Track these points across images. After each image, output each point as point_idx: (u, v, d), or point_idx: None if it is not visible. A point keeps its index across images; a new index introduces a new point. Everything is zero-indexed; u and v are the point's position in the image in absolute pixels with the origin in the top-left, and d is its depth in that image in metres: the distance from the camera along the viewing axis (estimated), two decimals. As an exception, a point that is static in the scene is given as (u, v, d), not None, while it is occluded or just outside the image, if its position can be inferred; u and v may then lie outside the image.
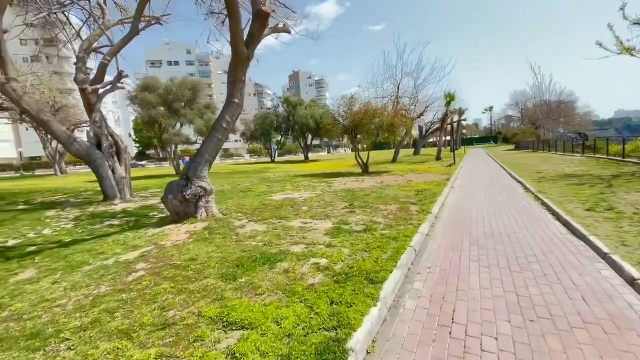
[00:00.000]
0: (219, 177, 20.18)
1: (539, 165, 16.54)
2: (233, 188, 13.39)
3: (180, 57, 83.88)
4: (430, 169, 17.96)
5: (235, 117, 7.21)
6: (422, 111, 29.33)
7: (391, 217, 6.43)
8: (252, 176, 19.72)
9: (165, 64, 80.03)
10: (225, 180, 17.57)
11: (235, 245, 5.04)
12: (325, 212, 7.22)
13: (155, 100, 21.50)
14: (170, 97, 22.17)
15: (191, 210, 6.86)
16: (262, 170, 25.59)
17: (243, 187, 13.60)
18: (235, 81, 7.05)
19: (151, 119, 22.04)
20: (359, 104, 17.68)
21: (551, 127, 36.36)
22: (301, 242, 5.05)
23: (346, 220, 6.26)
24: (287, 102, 42.37)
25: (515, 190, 9.84)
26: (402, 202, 8.00)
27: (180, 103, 22.44)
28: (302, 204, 8.39)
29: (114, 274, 4.07)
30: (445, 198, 8.89)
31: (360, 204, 8.02)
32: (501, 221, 6.18)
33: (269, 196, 10.35)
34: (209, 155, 7.05)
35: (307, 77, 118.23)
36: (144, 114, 22.12)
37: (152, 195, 12.30)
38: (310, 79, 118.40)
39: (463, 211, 7.22)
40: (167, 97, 22.18)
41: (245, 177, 19.20)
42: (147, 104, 21.56)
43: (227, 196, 10.84)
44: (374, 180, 13.67)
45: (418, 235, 5.17)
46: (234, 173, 23.41)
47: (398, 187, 11.21)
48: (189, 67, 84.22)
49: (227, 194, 11.50)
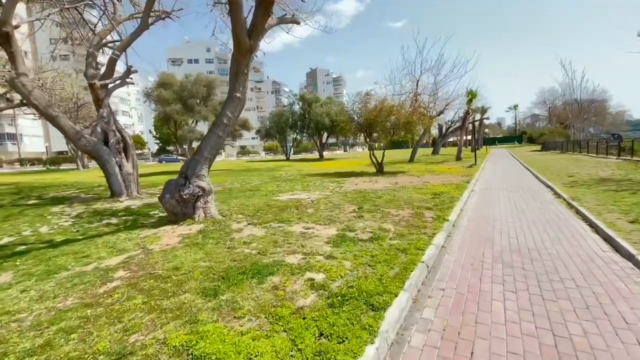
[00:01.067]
0: (232, 174, 20.00)
1: (569, 167, 15.29)
2: (242, 187, 13.06)
3: (200, 55, 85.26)
4: (450, 170, 17.02)
5: (237, 112, 6.78)
6: (442, 109, 28.11)
7: (403, 225, 5.80)
8: (264, 174, 19.40)
9: (185, 62, 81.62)
10: (237, 178, 17.32)
11: (227, 252, 4.59)
12: (331, 216, 6.67)
13: (170, 97, 21.57)
14: (185, 94, 22.20)
15: (189, 211, 6.49)
16: (275, 168, 25.30)
17: (252, 185, 13.24)
18: (237, 74, 6.61)
19: (166, 115, 22.15)
20: (375, 101, 16.98)
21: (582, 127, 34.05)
22: (299, 251, 4.53)
23: (352, 227, 5.69)
24: (303, 100, 42.00)
25: (544, 196, 8.92)
26: (417, 207, 7.34)
27: (195, 100, 22.44)
28: (309, 206, 7.88)
29: (87, 284, 3.70)
30: (465, 203, 8.13)
31: (370, 207, 7.42)
32: (530, 233, 5.43)
33: (276, 196, 9.91)
34: (208, 153, 6.65)
35: (325, 75, 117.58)
36: (160, 111, 22.23)
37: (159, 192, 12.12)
38: (327, 76, 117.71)
39: (485, 219, 6.48)
40: (182, 94, 22.21)
41: (257, 175, 18.91)
42: (163, 101, 21.66)
43: (234, 195, 10.49)
44: (388, 181, 12.98)
45: (432, 247, 4.54)
46: (247, 171, 23.22)
47: (413, 189, 10.50)
48: (209, 65, 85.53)
49: (234, 192, 11.16)
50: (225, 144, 56.53)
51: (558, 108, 54.05)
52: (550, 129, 39.24)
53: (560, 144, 30.41)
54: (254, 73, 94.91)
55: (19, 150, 50.08)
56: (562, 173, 13.13)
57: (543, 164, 18.00)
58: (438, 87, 27.12)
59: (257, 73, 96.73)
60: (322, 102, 40.19)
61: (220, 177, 17.81)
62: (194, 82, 22.61)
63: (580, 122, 32.83)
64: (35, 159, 46.85)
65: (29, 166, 44.95)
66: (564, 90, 37.17)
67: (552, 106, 56.64)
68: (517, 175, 14.09)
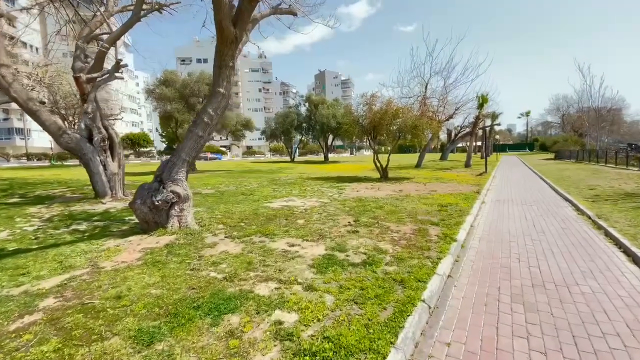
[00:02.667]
0: (231, 176, 19.35)
1: (588, 179, 14.22)
2: (236, 190, 12.35)
3: (209, 55, 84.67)
4: (458, 178, 16.07)
5: (220, 110, 6.05)
6: (451, 113, 27.14)
7: (403, 244, 4.98)
8: (264, 176, 18.70)
9: (194, 61, 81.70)
10: (235, 180, 16.65)
11: (188, 276, 3.83)
12: (322, 229, 5.88)
13: (172, 95, 21.07)
14: (187, 92, 21.70)
15: (162, 219, 5.77)
16: (277, 170, 24.61)
17: (247, 189, 12.53)
18: (221, 67, 5.89)
19: (167, 113, 21.66)
20: (380, 103, 16.15)
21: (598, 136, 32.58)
22: (274, 277, 3.75)
23: (344, 245, 4.89)
24: (309, 101, 41.33)
25: (565, 211, 7.99)
26: (421, 221, 6.50)
27: (197, 98, 21.88)
28: (300, 216, 7.10)
29: (1, 316, 2.98)
30: (475, 218, 7.26)
31: (368, 220, 6.61)
32: (554, 261, 4.55)
33: (269, 202, 9.16)
34: (186, 155, 5.92)
35: (334, 77, 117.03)
36: (161, 109, 21.77)
37: (149, 193, 11.48)
38: (336, 78, 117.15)
39: (499, 240, 5.61)
40: (184, 92, 21.71)
41: (257, 177, 18.22)
42: (164, 99, 21.18)
43: (224, 199, 9.77)
44: (391, 188, 12.13)
45: (436, 278, 3.72)
46: (247, 172, 22.58)
47: (418, 198, 9.65)
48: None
49: (225, 197, 10.44)
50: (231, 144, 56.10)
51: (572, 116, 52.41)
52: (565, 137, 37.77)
53: (575, 153, 29.06)
54: (262, 74, 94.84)
55: (26, 145, 50.44)
56: (582, 185, 12.10)
57: (559, 174, 16.92)
58: (448, 91, 26.21)
59: (266, 74, 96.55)
60: (329, 104, 39.46)
61: (217, 179, 17.16)
62: (197, 80, 22.09)
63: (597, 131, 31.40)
64: (42, 154, 47.06)
65: (36, 161, 45.14)
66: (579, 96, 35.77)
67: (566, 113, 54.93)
68: (531, 186, 13.09)
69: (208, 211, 7.78)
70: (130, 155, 54.08)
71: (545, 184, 13.52)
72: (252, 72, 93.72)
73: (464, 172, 21.04)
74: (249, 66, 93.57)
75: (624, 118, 55.24)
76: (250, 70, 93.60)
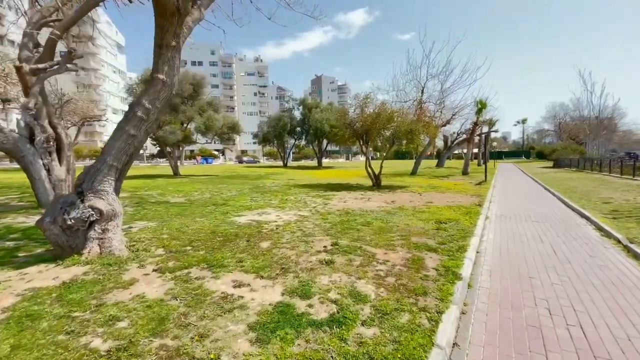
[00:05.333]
0: (212, 182, 17.97)
1: (597, 190, 13.05)
2: (210, 199, 11.00)
3: (204, 58, 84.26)
4: (456, 187, 14.84)
5: (159, 102, 4.74)
6: (448, 119, 26.05)
7: (390, 284, 3.67)
8: (249, 183, 17.36)
9: (189, 64, 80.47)
10: (214, 186, 15.27)
11: (56, 346, 2.48)
12: (288, 258, 4.55)
13: (152, 94, 19.65)
14: (169, 92, 20.26)
15: (78, 242, 4.41)
16: (265, 175, 23.27)
17: (222, 198, 11.18)
18: (161, 46, 4.60)
19: (147, 114, 20.19)
20: (374, 106, 14.95)
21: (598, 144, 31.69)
22: (186, 352, 2.41)
23: (309, 286, 3.57)
24: (303, 105, 40.20)
25: (584, 231, 6.74)
26: (415, 245, 5.20)
27: (180, 98, 20.54)
28: (267, 236, 5.77)
29: None
30: (481, 240, 5.98)
31: (350, 243, 5.30)
32: (597, 314, 3.25)
33: (239, 215, 7.83)
34: (114, 160, 4.58)
35: (330, 82, 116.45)
36: (141, 109, 20.33)
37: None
38: (333, 84, 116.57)
39: (517, 276, 4.31)
40: (166, 92, 20.28)
41: (240, 183, 16.86)
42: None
43: (188, 211, 8.42)
44: (383, 199, 10.85)
45: (436, 354, 2.41)
46: (233, 178, 21.22)
47: (413, 212, 8.38)
48: (212, 67, 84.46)
49: (191, 207, 9.09)
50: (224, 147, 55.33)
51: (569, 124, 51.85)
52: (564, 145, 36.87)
53: (575, 162, 28.08)
54: (258, 77, 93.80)
55: (10, 146, 48.44)
56: (593, 197, 10.91)
57: (563, 184, 15.77)
58: (445, 95, 25.11)
59: (262, 78, 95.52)
60: (323, 108, 38.38)
61: (196, 185, 15.78)
62: (180, 79, 20.74)
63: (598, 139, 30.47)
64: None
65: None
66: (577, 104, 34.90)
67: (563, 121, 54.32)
68: (537, 198, 11.89)
69: (157, 228, 6.41)
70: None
71: (552, 196, 12.32)
72: (248, 75, 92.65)
73: (461, 180, 19.87)
74: (244, 69, 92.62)
75: (620, 127, 54.82)
76: (246, 73, 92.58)
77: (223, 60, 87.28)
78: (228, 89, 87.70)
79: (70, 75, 59.92)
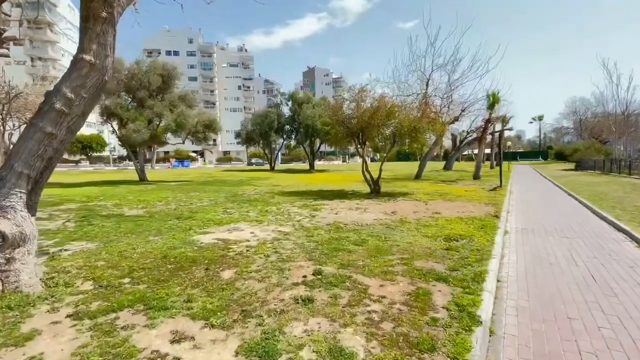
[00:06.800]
0: (183, 189, 17.24)
1: (631, 197, 12.66)
2: (174, 210, 10.31)
3: (181, 47, 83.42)
4: (467, 194, 14.37)
5: (87, 89, 4.08)
6: (457, 115, 25.72)
7: (385, 335, 3.05)
8: (225, 189, 16.70)
9: (164, 54, 79.50)
10: (185, 194, 14.56)
11: None
12: (253, 295, 3.91)
13: (113, 87, 18.98)
14: (133, 84, 19.65)
15: (-28, 277, 3.70)
16: (247, 181, 22.62)
17: (189, 209, 10.49)
18: (87, 19, 3.96)
19: (108, 110, 19.53)
20: (372, 99, 14.45)
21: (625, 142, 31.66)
22: None
23: (274, 343, 2.91)
24: (293, 99, 39.64)
25: (624, 248, 6.22)
26: (419, 272, 4.61)
27: (146, 92, 19.86)
28: (233, 262, 5.12)
29: None
30: (501, 263, 5.41)
31: (337, 271, 4.68)
32: (672, 378, 2.67)
33: (204, 232, 7.17)
34: (24, 166, 3.90)
35: (324, 75, 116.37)
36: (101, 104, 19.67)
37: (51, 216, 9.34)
38: (327, 76, 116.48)
39: (552, 319, 3.70)
40: (130, 84, 19.67)
41: (216, 190, 16.17)
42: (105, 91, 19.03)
43: (142, 227, 7.72)
44: (382, 209, 10.30)
45: None
46: (209, 184, 20.51)
47: (417, 225, 7.83)
48: (190, 57, 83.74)
49: (148, 222, 8.39)
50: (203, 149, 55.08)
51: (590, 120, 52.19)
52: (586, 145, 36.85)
53: (600, 163, 27.96)
54: (242, 69, 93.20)
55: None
56: (628, 206, 10.47)
57: (590, 190, 15.39)
58: (453, 89, 24.79)
59: (247, 69, 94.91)
60: (315, 103, 37.86)
61: (163, 193, 15.05)
62: (147, 69, 20.08)
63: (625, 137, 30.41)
64: None
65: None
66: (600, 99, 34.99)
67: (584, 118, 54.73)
68: (562, 206, 11.44)
69: (95, 251, 5.71)
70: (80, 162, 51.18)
71: (578, 203, 11.88)
72: (231, 67, 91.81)
73: (472, 185, 19.47)
74: (226, 60, 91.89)
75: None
76: (229, 64, 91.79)
77: (202, 49, 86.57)
78: (208, 81, 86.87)
79: (25, 67, 58.73)
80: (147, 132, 19.40)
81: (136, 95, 20.09)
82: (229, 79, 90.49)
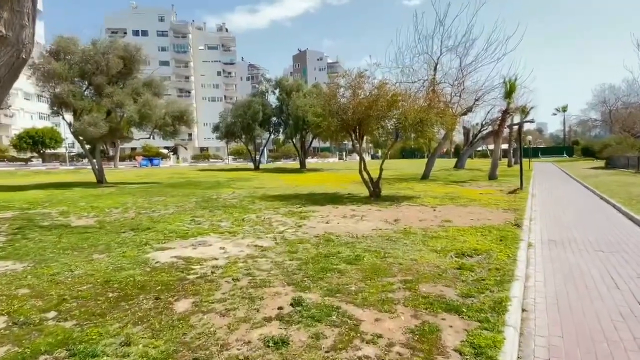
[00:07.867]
0: (150, 192, 16.76)
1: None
2: (132, 219, 9.86)
3: (151, 26, 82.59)
4: (483, 197, 14.13)
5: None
6: (470, 105, 25.51)
7: (379, 393, 2.65)
8: (198, 192, 16.27)
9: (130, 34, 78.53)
10: (148, 198, 14.09)
11: None
12: (211, 337, 3.49)
13: (64, 72, 18.40)
14: (89, 68, 19.08)
15: None
16: (225, 182, 22.18)
17: (151, 217, 10.06)
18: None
19: (58, 98, 18.95)
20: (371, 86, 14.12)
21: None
22: None
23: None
24: (280, 87, 39.23)
25: (674, 267, 5.92)
26: (425, 301, 4.23)
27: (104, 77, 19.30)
28: (193, 288, 4.69)
29: None
30: (526, 287, 5.06)
31: (323, 299, 4.28)
32: None
33: (161, 248, 6.74)
34: None
35: (317, 59, 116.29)
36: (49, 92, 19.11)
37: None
38: (321, 60, 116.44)
39: None
40: (85, 67, 19.10)
41: (186, 194, 15.71)
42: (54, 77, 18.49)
43: (88, 241, 7.27)
44: (382, 216, 10.02)
45: None
46: (179, 186, 20.05)
47: (423, 237, 7.51)
48: (161, 38, 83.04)
49: (97, 234, 7.94)
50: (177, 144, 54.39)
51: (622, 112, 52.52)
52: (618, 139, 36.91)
53: (635, 161, 27.95)
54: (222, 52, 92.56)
55: None
56: (671, 212, 10.25)
57: (626, 192, 15.20)
58: (465, 74, 24.55)
59: (227, 52, 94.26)
60: (306, 91, 37.44)
61: (123, 197, 14.55)
62: (105, 50, 19.51)
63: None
64: None
65: None
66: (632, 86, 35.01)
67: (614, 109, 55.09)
68: (595, 213, 11.24)
69: (21, 274, 5.24)
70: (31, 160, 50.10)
71: (613, 209, 11.66)
72: (209, 49, 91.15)
73: (488, 186, 19.29)
74: (204, 41, 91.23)
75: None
76: (206, 47, 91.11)
77: (175, 29, 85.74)
78: (182, 66, 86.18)
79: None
80: (106, 125, 18.84)
81: (92, 82, 19.49)
82: (207, 64, 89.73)
